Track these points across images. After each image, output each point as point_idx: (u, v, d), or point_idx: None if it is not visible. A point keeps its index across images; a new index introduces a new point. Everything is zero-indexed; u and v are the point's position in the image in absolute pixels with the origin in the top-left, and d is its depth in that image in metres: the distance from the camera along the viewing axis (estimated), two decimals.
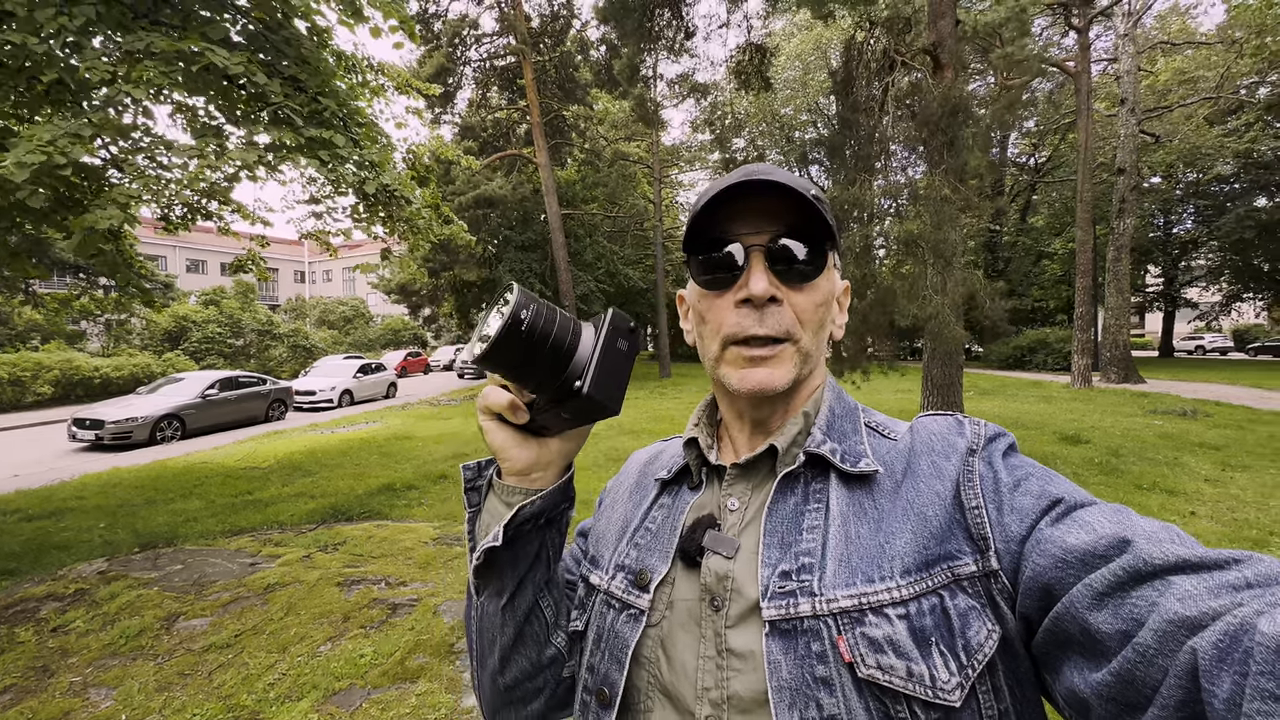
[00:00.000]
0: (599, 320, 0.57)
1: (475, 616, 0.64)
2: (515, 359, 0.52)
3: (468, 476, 0.65)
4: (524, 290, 0.52)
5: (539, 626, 0.63)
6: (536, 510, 0.59)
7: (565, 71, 19.37)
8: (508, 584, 0.60)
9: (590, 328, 0.57)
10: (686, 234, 0.61)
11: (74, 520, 5.59)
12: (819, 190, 0.62)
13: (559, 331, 0.53)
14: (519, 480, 0.60)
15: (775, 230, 0.58)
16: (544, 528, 0.61)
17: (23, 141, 3.46)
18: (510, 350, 0.51)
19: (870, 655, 0.47)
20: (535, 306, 0.52)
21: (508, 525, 0.57)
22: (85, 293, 10.77)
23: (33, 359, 17.12)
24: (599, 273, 24.21)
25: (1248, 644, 0.32)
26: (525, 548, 0.60)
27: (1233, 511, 5.09)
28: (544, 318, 0.52)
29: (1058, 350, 20.13)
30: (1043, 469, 0.54)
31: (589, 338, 0.55)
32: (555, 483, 0.61)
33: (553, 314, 0.53)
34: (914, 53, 6.96)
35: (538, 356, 0.52)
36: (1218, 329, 33.97)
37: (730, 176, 0.59)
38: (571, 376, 0.53)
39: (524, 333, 0.50)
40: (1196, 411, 10.29)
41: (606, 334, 0.55)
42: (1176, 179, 23.40)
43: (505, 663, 0.63)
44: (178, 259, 36.72)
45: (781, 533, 0.55)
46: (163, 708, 2.66)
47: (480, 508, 0.63)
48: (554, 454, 0.60)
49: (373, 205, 5.73)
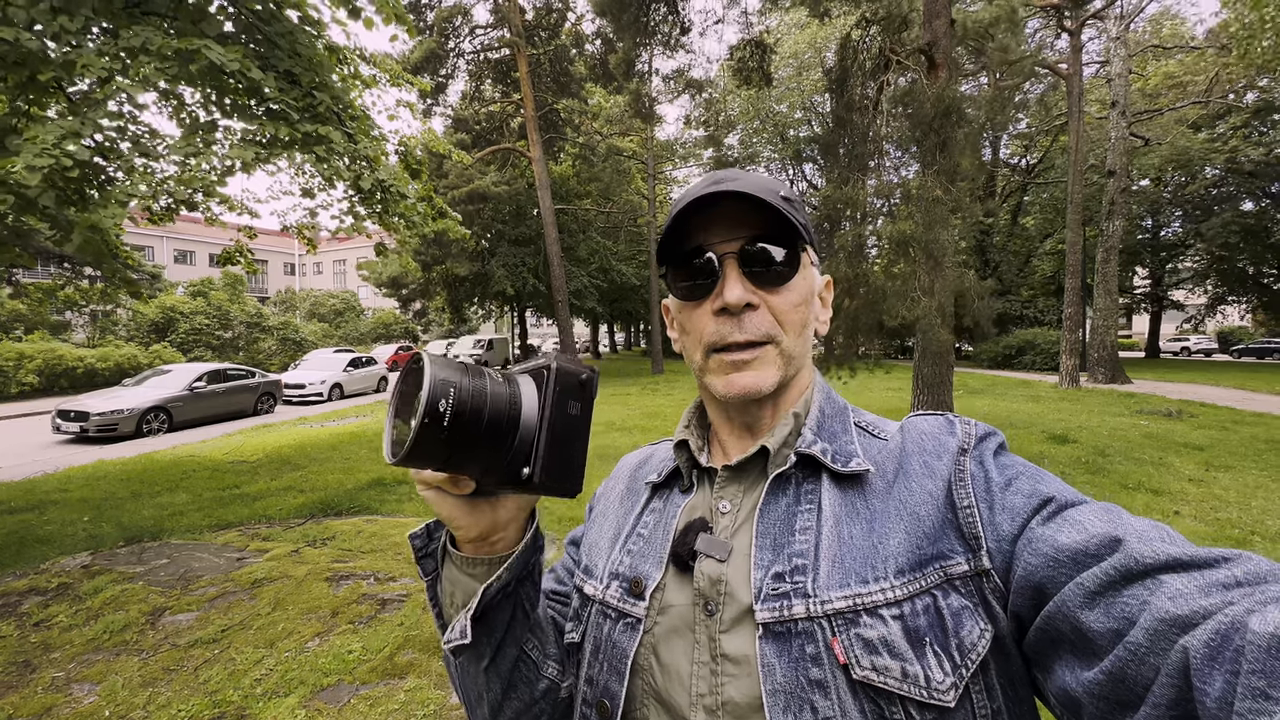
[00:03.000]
0: (542, 374, 0.48)
1: (457, 675, 0.61)
2: (443, 455, 0.43)
3: (417, 545, 0.59)
4: (438, 363, 0.42)
5: (527, 670, 0.60)
6: (504, 583, 0.54)
7: (560, 65, 19.28)
8: (486, 652, 0.57)
9: (531, 385, 0.48)
10: (659, 246, 0.61)
11: (57, 513, 5.52)
12: (790, 190, 0.61)
13: (494, 406, 0.44)
14: (476, 549, 0.54)
15: (747, 235, 0.58)
16: (517, 588, 0.56)
17: (28, 144, 3.47)
18: (433, 448, 0.42)
19: (865, 657, 0.47)
20: (456, 386, 0.42)
21: (475, 611, 0.53)
22: (70, 283, 10.61)
23: (15, 349, 16.87)
24: (592, 268, 24.19)
25: (1239, 642, 0.32)
26: (499, 616, 0.56)
27: (1216, 511, 5.17)
28: (470, 394, 0.42)
29: (1046, 350, 20.34)
30: (1033, 468, 0.54)
31: (531, 403, 0.47)
32: (519, 541, 0.55)
33: (480, 386, 0.44)
34: (909, 52, 6.98)
35: (471, 445, 0.43)
36: (1203, 331, 34.43)
37: (697, 187, 0.59)
38: (517, 458, 0.46)
39: (446, 425, 0.41)
40: (1181, 412, 10.44)
41: (554, 399, 0.47)
42: (1165, 182, 23.65)
43: (497, 711, 0.60)
44: (165, 249, 36.29)
45: (774, 534, 0.55)
46: (147, 703, 2.64)
47: (439, 574, 0.58)
48: (512, 511, 0.54)
49: (367, 199, 5.68)
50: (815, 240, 0.64)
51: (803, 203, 0.64)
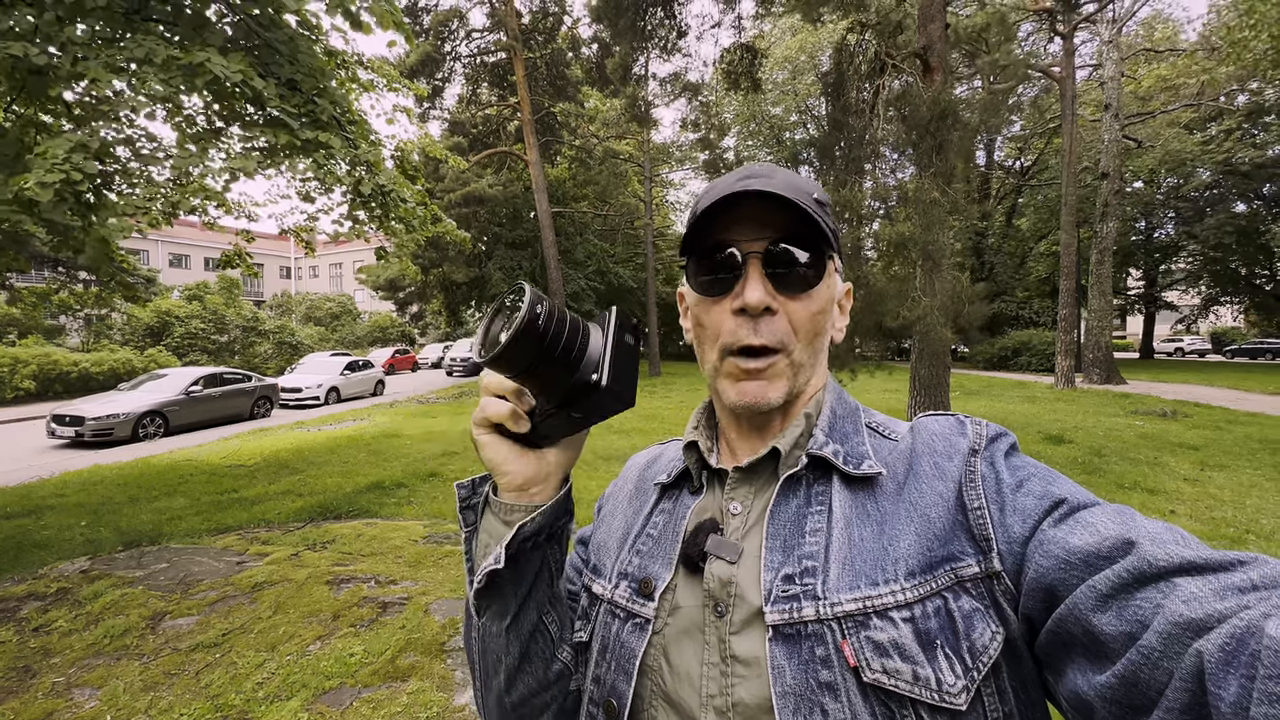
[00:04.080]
0: (603, 319, 0.57)
1: (478, 638, 0.62)
2: (531, 358, 0.50)
3: (462, 495, 0.62)
4: (535, 289, 0.51)
5: (544, 644, 0.61)
6: (538, 527, 0.56)
7: (556, 69, 19.29)
8: (510, 604, 0.58)
9: (595, 327, 0.57)
10: (686, 236, 0.60)
11: (54, 518, 5.49)
12: (822, 193, 0.61)
13: (570, 330, 0.52)
14: (517, 496, 0.57)
15: (774, 236, 0.57)
16: (545, 543, 0.59)
17: (38, 159, 3.51)
18: (527, 349, 0.50)
19: (876, 659, 0.47)
20: (548, 304, 0.50)
21: (509, 544, 0.55)
22: (64, 287, 10.55)
23: (9, 354, 16.76)
24: (589, 271, 24.18)
25: (1255, 647, 0.32)
26: (527, 566, 0.58)
27: (1211, 510, 5.21)
28: (556, 317, 0.51)
29: (1042, 351, 20.43)
30: (1045, 469, 0.53)
31: (597, 336, 0.55)
32: (554, 496, 0.59)
33: (564, 313, 0.52)
34: (904, 56, 7.02)
35: (553, 355, 0.51)
36: (1196, 332, 34.67)
37: (729, 180, 0.58)
38: (585, 372, 0.53)
39: (540, 330, 0.49)
40: (1176, 412, 10.50)
41: (615, 329, 0.55)
42: (1158, 184, 23.83)
43: (511, 682, 0.61)
44: (160, 253, 36.14)
45: (784, 536, 0.55)
46: (149, 708, 2.63)
47: (477, 526, 0.61)
48: (553, 465, 0.58)
49: (366, 204, 5.68)
50: (842, 247, 0.63)
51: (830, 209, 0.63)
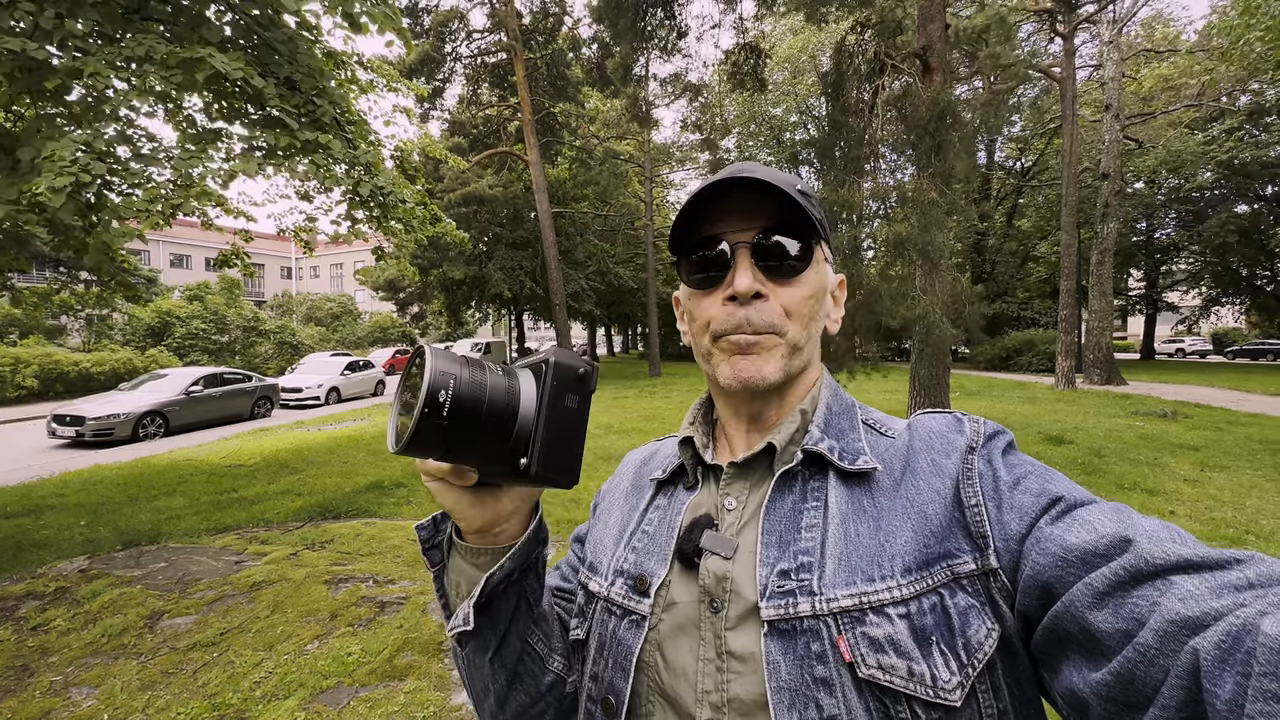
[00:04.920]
0: (541, 367, 0.49)
1: (464, 666, 0.61)
2: (442, 445, 0.44)
3: (423, 536, 0.60)
4: (439, 355, 0.43)
5: (532, 663, 0.61)
6: (506, 572, 0.55)
7: (557, 69, 19.29)
8: (490, 641, 0.58)
9: (531, 379, 0.49)
10: (672, 234, 0.61)
11: (54, 518, 5.49)
12: (805, 185, 0.61)
13: (492, 398, 0.45)
14: (480, 540, 0.55)
15: (760, 226, 0.58)
16: (520, 579, 0.57)
17: (48, 163, 3.52)
18: (433, 437, 0.42)
19: (871, 655, 0.47)
20: (456, 377, 0.43)
21: (478, 598, 0.54)
22: (65, 287, 10.56)
23: (11, 354, 16.78)
24: (590, 271, 24.19)
25: (1250, 645, 0.32)
26: (503, 606, 0.57)
27: (1211, 511, 5.20)
28: (469, 386, 0.43)
29: (1042, 352, 20.42)
30: (1042, 467, 0.54)
31: (530, 396, 0.47)
32: (522, 533, 0.56)
33: (480, 378, 0.45)
34: (904, 56, 7.02)
35: (470, 436, 0.44)
36: (1197, 332, 34.63)
37: (714, 175, 0.59)
38: (516, 448, 0.46)
39: (446, 415, 0.42)
40: (1176, 413, 10.49)
41: (552, 392, 0.47)
42: (1159, 184, 23.81)
43: (503, 704, 0.61)
44: (161, 254, 36.18)
45: (780, 531, 0.54)
46: (146, 707, 2.63)
47: (445, 564, 0.60)
48: (516, 502, 0.55)
49: (365, 204, 5.69)
50: (830, 237, 0.63)
51: (819, 200, 0.64)
